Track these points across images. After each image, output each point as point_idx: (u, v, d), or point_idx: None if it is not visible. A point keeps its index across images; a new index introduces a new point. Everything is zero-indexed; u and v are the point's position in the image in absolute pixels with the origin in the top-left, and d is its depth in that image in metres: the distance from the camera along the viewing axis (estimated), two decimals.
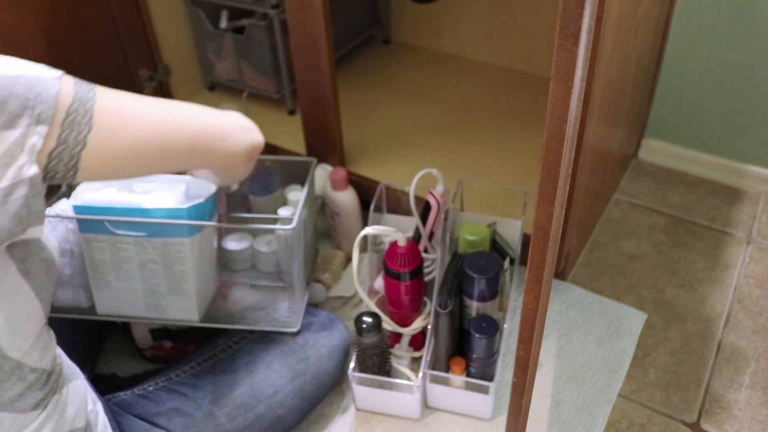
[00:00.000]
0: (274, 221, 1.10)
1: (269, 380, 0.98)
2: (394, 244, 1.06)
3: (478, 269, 1.02)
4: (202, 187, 0.97)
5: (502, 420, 1.07)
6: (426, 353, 1.05)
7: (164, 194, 0.94)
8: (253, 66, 1.54)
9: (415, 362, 1.14)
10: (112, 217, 0.92)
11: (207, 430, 0.92)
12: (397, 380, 1.06)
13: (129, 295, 0.99)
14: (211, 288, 1.05)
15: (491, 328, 1.01)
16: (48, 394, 0.72)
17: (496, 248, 1.22)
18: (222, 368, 0.99)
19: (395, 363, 1.11)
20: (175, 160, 0.75)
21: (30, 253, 0.66)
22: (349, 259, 1.35)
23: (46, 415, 0.71)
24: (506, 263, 1.16)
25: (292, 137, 1.47)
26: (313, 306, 1.21)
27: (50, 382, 0.72)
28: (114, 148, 0.66)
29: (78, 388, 0.78)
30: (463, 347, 1.08)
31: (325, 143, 1.34)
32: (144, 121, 0.69)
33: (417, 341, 1.14)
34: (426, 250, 1.17)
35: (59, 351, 0.77)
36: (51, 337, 0.74)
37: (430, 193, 1.13)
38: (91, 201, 0.93)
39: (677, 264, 1.34)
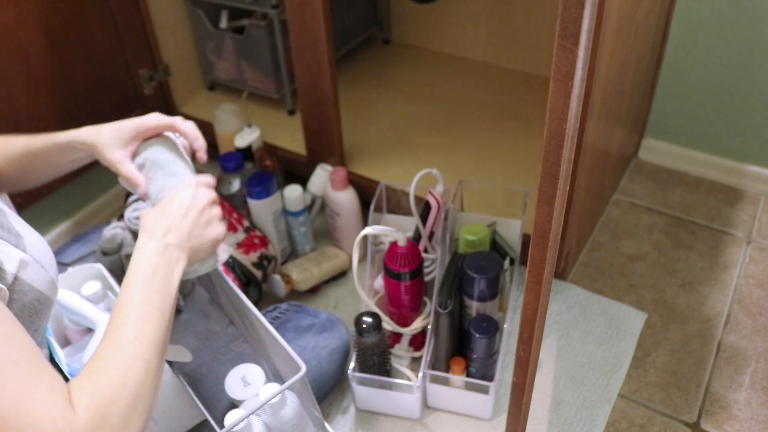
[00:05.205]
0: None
1: None
2: (394, 244, 1.06)
3: (478, 269, 1.02)
4: None
5: (502, 420, 1.07)
6: (426, 353, 1.05)
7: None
8: (253, 66, 1.54)
9: (415, 362, 1.14)
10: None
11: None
12: (397, 380, 1.06)
13: None
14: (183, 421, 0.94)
15: (491, 328, 1.01)
16: None
17: (496, 248, 1.22)
18: (223, 371, 0.98)
19: (395, 363, 1.11)
20: None
21: (11, 301, 0.60)
22: (349, 260, 1.35)
23: None
24: (506, 263, 1.16)
25: (292, 137, 1.47)
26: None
27: None
28: None
29: None
30: (463, 347, 1.08)
31: (325, 143, 1.34)
32: None
33: (417, 341, 1.14)
34: (426, 250, 1.17)
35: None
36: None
37: (430, 193, 1.13)
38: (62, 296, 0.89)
39: (677, 264, 1.34)
